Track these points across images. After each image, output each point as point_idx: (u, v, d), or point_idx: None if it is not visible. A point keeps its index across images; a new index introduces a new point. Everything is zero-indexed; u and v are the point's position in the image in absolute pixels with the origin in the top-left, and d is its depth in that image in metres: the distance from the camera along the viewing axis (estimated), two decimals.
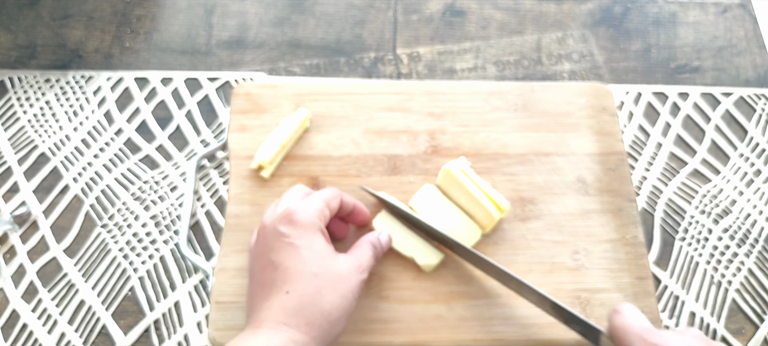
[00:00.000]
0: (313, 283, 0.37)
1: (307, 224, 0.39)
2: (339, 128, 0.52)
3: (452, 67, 0.59)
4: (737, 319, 0.48)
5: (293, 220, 0.39)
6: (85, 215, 0.50)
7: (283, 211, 0.40)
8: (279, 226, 0.39)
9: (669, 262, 0.50)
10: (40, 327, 0.46)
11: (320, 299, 0.37)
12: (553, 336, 0.44)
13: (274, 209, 0.42)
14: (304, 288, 0.37)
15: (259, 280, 0.39)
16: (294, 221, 0.39)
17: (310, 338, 0.36)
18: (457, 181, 0.47)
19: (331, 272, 0.38)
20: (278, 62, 0.59)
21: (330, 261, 0.39)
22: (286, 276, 0.38)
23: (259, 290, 0.39)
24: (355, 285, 0.39)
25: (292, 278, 0.37)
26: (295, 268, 0.38)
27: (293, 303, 0.37)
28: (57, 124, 0.54)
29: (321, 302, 0.37)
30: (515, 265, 0.47)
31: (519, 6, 0.63)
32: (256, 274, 0.40)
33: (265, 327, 0.36)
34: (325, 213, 0.41)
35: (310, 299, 0.37)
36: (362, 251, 0.42)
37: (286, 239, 0.39)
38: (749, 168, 0.54)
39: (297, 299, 0.37)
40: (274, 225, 0.40)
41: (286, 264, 0.38)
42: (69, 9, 0.61)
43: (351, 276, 0.39)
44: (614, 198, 0.50)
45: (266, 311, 0.37)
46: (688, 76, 0.60)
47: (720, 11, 0.64)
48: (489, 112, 0.53)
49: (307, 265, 0.38)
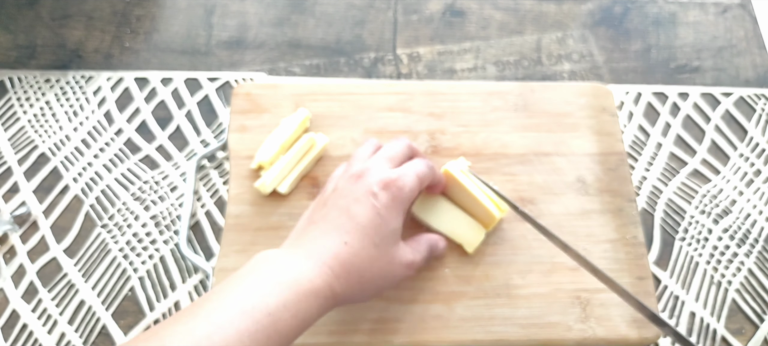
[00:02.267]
0: (370, 252, 0.38)
1: (398, 199, 0.39)
2: (339, 128, 0.52)
3: (452, 67, 0.59)
4: (737, 319, 0.48)
5: (390, 188, 0.39)
6: (85, 215, 0.50)
7: (386, 176, 0.40)
8: (375, 187, 0.39)
9: (669, 262, 0.50)
10: (40, 327, 0.46)
11: (367, 269, 0.38)
12: (553, 336, 0.44)
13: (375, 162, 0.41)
14: (360, 251, 0.38)
15: (327, 215, 0.39)
16: (390, 189, 0.39)
17: (341, 291, 0.37)
18: (457, 181, 0.47)
19: (388, 252, 0.39)
20: (278, 62, 0.59)
21: (392, 243, 0.40)
22: (353, 229, 0.38)
23: (322, 222, 0.39)
24: (399, 276, 0.40)
25: (357, 236, 0.38)
26: (365, 230, 0.38)
27: (346, 256, 0.37)
28: (57, 124, 0.54)
29: (365, 271, 0.38)
30: (515, 265, 0.47)
31: (519, 6, 0.63)
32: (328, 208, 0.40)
33: (312, 260, 0.36)
34: (415, 193, 0.41)
35: (360, 263, 0.38)
36: (420, 250, 0.43)
37: (375, 202, 0.39)
38: (749, 168, 0.54)
39: (349, 256, 0.37)
40: (371, 182, 0.39)
41: (361, 222, 0.38)
42: (69, 9, 0.61)
43: (400, 268, 0.40)
44: (614, 198, 0.50)
45: (320, 247, 0.37)
46: (688, 76, 0.60)
47: (720, 11, 0.64)
48: (489, 112, 0.53)
49: (375, 235, 0.38)
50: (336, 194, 0.41)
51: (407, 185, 0.40)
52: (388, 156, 0.42)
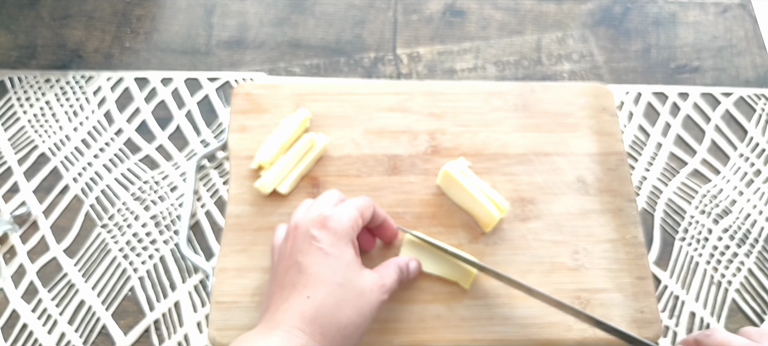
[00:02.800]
0: (335, 293, 0.37)
1: (340, 232, 0.39)
2: (339, 128, 0.52)
3: (452, 67, 0.59)
4: (737, 319, 0.48)
5: (327, 225, 0.39)
6: (85, 215, 0.50)
7: (318, 215, 0.39)
8: (312, 229, 0.39)
9: (669, 262, 0.50)
10: (40, 327, 0.46)
11: (338, 312, 0.37)
12: (553, 336, 0.44)
13: (306, 211, 0.41)
14: (325, 297, 0.37)
15: (281, 280, 0.39)
16: (328, 226, 0.39)
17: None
18: (457, 181, 0.47)
19: (354, 285, 0.38)
20: (278, 62, 0.59)
21: (355, 274, 0.38)
22: (309, 281, 0.37)
23: (279, 289, 0.38)
24: (374, 303, 0.39)
25: (316, 284, 0.37)
26: (321, 275, 0.37)
27: (312, 310, 0.36)
28: (57, 124, 0.54)
29: (338, 315, 0.37)
30: (515, 265, 0.47)
31: (519, 6, 0.63)
32: (279, 273, 0.39)
33: (280, 329, 0.36)
34: (358, 223, 0.40)
35: (329, 310, 0.37)
36: (389, 272, 0.41)
37: (317, 244, 0.38)
38: (749, 168, 0.54)
39: (316, 307, 0.36)
40: (307, 227, 0.39)
41: (312, 269, 0.37)
42: (69, 9, 0.61)
43: (372, 294, 0.39)
44: (614, 198, 0.50)
45: (283, 313, 0.37)
46: (688, 76, 0.60)
47: (720, 11, 0.64)
48: (489, 112, 0.53)
49: (332, 274, 0.37)
50: (281, 257, 0.40)
51: (344, 216, 0.39)
52: (320, 203, 0.41)
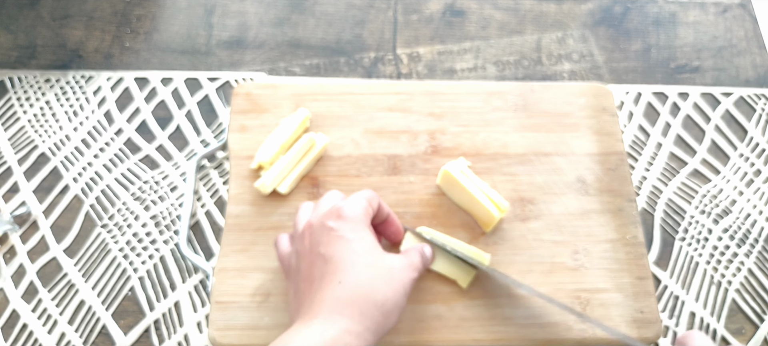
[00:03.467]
0: (366, 273, 0.37)
1: (356, 219, 0.39)
2: (339, 128, 0.52)
3: (452, 67, 0.59)
4: (737, 319, 0.48)
5: (342, 215, 0.39)
6: (85, 215, 0.50)
7: (329, 209, 0.40)
8: (327, 221, 0.39)
9: (669, 262, 0.50)
10: (40, 327, 0.46)
11: (373, 290, 0.37)
12: (553, 336, 0.44)
13: (314, 210, 0.41)
14: (357, 278, 0.37)
15: (308, 275, 0.38)
16: (343, 216, 0.39)
17: (363, 328, 0.35)
18: (457, 181, 0.47)
19: (382, 264, 0.38)
20: (278, 62, 0.59)
21: (381, 255, 0.39)
22: (338, 267, 0.37)
23: (307, 286, 0.38)
24: (407, 280, 0.39)
25: (345, 268, 0.37)
26: (348, 259, 0.37)
27: (346, 292, 0.36)
28: (57, 124, 0.54)
29: (374, 293, 0.36)
30: (515, 265, 0.47)
31: (519, 6, 0.63)
32: (303, 271, 0.39)
33: (319, 318, 0.35)
34: (369, 210, 0.40)
35: (364, 290, 0.36)
36: (412, 254, 0.41)
37: (336, 233, 0.38)
38: (749, 168, 0.54)
39: (350, 289, 0.36)
40: (321, 221, 0.39)
41: (337, 256, 0.37)
42: (69, 9, 0.61)
43: (403, 271, 0.39)
44: (614, 198, 0.50)
45: (319, 303, 0.36)
46: (688, 76, 0.60)
47: (720, 11, 0.64)
48: (489, 112, 0.53)
49: (359, 256, 0.37)
50: (300, 256, 0.40)
51: (357, 204, 0.40)
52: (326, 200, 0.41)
